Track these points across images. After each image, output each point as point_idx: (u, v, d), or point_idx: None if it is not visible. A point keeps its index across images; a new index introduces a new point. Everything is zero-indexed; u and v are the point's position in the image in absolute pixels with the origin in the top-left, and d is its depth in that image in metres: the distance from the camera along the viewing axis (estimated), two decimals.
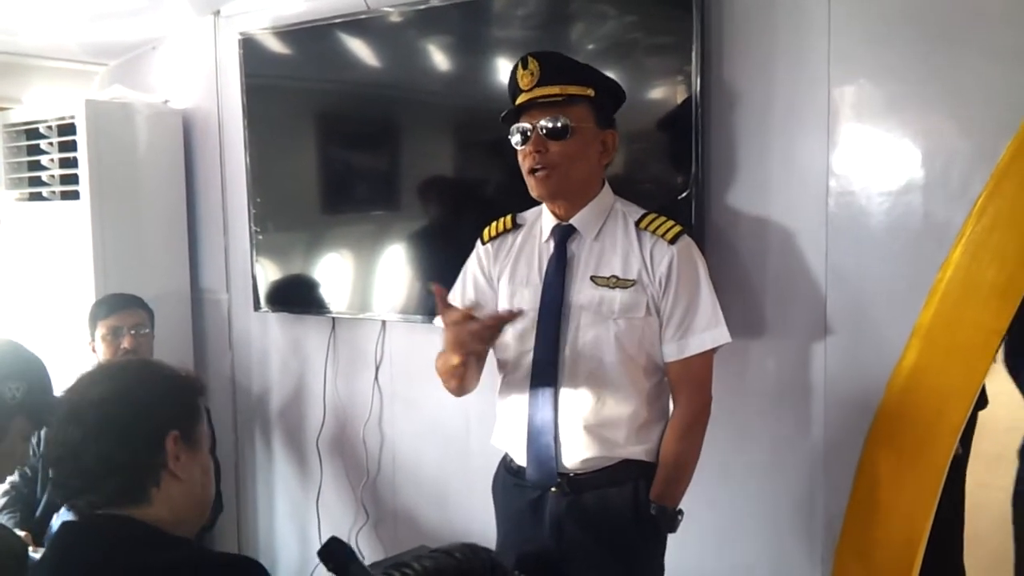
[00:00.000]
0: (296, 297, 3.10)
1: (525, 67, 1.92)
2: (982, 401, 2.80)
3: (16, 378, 1.66)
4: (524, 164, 1.96)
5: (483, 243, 2.15)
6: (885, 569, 2.15)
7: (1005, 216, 1.95)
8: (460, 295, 2.16)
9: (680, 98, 2.25)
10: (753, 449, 2.32)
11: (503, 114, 1.98)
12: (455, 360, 1.94)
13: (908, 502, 2.11)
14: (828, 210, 2.16)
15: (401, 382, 2.98)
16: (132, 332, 2.79)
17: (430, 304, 2.70)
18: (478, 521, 2.45)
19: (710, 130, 2.26)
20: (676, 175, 2.27)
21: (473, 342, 1.88)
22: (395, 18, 2.72)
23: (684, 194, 2.25)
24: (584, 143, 1.93)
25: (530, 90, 1.92)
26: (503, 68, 2.56)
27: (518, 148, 1.97)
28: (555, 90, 1.90)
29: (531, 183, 1.96)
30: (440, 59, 2.69)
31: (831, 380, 2.20)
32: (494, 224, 2.15)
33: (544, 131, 1.91)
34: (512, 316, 1.89)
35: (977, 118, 1.98)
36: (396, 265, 2.85)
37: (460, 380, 2.03)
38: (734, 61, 2.25)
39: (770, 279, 2.25)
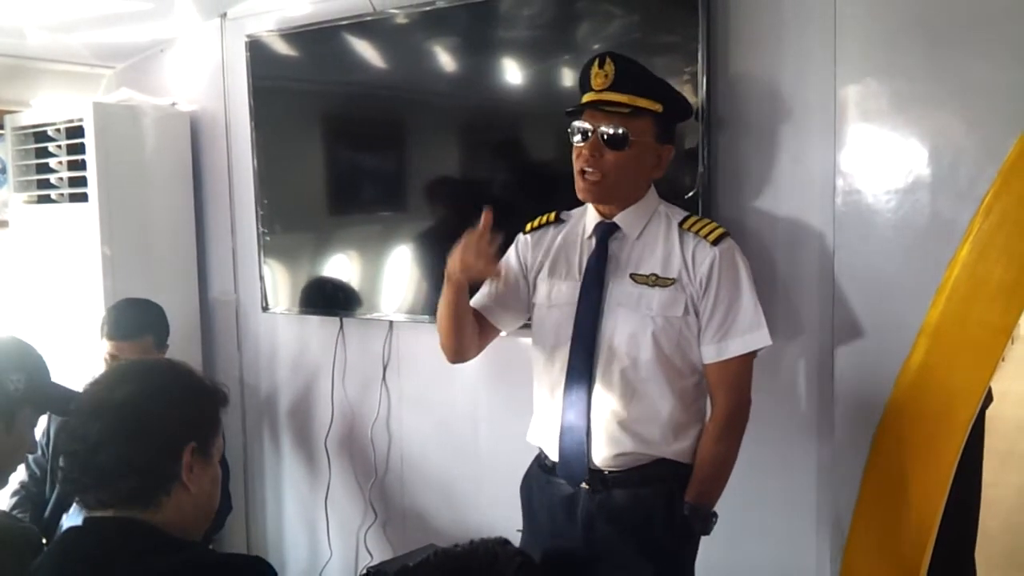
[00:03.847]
0: (304, 298, 3.11)
1: (601, 66, 1.91)
2: (987, 398, 2.80)
3: (16, 370, 1.66)
4: (576, 162, 1.95)
5: (524, 233, 2.17)
6: (894, 567, 2.15)
7: (1012, 214, 1.95)
8: (517, 272, 2.17)
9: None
10: (760, 447, 2.31)
11: (569, 109, 1.96)
12: (449, 287, 1.98)
13: (917, 500, 2.11)
14: (835, 209, 2.16)
15: (409, 382, 2.99)
16: None
17: (436, 305, 2.71)
18: (487, 519, 2.47)
19: (716, 129, 2.26)
20: (683, 174, 2.27)
21: (468, 256, 1.91)
22: (401, 20, 2.72)
23: (691, 193, 2.25)
24: (640, 156, 1.93)
25: (600, 91, 1.91)
26: (509, 68, 2.57)
27: (574, 143, 1.96)
28: (624, 99, 1.88)
29: (579, 184, 1.96)
30: (446, 60, 2.70)
31: (839, 378, 2.20)
32: (538, 218, 2.16)
33: (604, 137, 1.90)
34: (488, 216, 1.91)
35: (984, 116, 1.98)
36: (403, 266, 2.85)
37: (455, 320, 2.04)
38: (740, 60, 2.25)
39: (778, 278, 2.25)
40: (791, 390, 2.28)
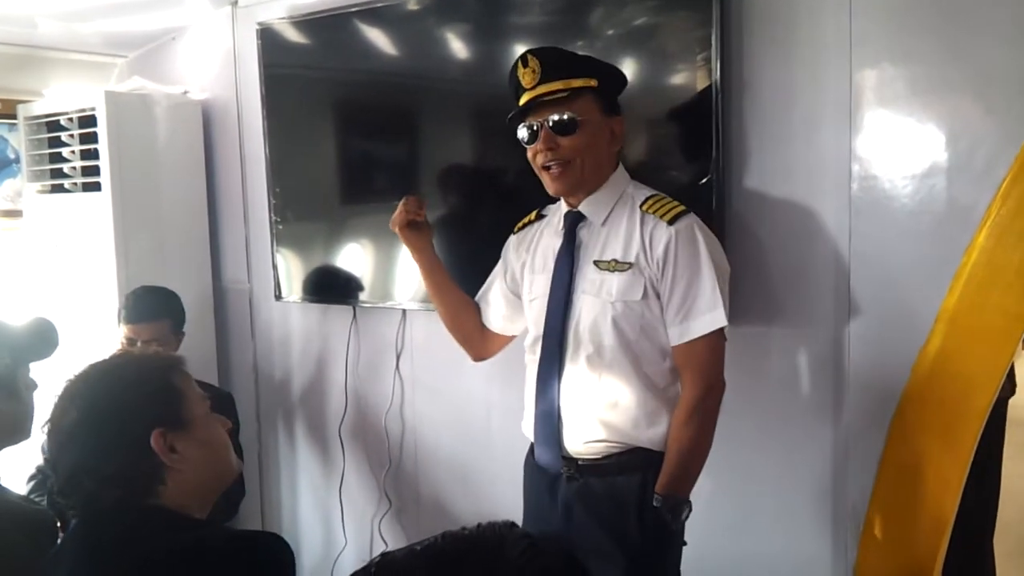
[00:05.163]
0: (317, 286, 3.11)
1: (526, 65, 1.94)
2: (1010, 388, 2.78)
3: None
4: (536, 161, 1.98)
5: (513, 233, 2.23)
6: (911, 556, 2.13)
7: None
8: (501, 273, 2.25)
9: (700, 83, 2.23)
10: (776, 436, 2.31)
11: (510, 115, 1.99)
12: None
13: (934, 488, 2.09)
14: (851, 194, 2.14)
15: (422, 370, 2.99)
16: (146, 345, 2.76)
17: None
18: (501, 507, 2.46)
19: (730, 115, 2.24)
20: (696, 161, 2.26)
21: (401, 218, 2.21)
22: (413, 6, 2.71)
23: (705, 180, 2.24)
24: (593, 134, 1.94)
25: (533, 88, 1.93)
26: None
27: (527, 146, 1.98)
28: (559, 85, 1.91)
29: (546, 180, 1.99)
30: (459, 47, 2.68)
31: (855, 365, 2.19)
32: (525, 217, 2.22)
33: (552, 126, 1.92)
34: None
35: (1002, 100, 1.95)
36: None
37: (445, 306, 2.28)
38: (755, 45, 2.22)
39: (793, 264, 2.24)
40: (806, 378, 2.26)
